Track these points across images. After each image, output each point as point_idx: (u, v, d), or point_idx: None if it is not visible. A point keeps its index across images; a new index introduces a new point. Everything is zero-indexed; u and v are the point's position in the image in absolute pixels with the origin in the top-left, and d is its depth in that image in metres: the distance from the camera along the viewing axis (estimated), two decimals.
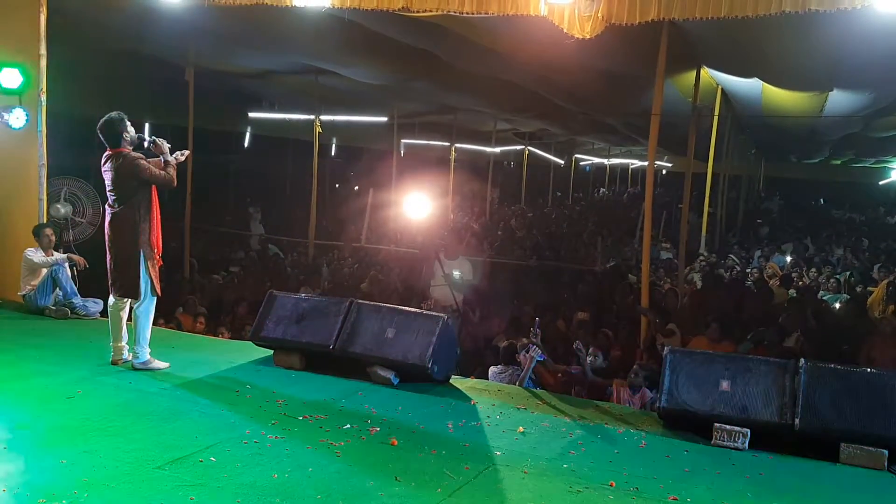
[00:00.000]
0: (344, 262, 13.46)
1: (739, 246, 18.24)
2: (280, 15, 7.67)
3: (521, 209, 25.92)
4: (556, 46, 7.56)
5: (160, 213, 5.77)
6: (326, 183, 21.18)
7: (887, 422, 4.61)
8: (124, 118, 5.61)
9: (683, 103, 11.40)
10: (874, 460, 4.56)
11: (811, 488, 4.29)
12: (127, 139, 5.60)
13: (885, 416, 4.63)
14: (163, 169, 5.70)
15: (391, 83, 13.01)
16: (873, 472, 4.50)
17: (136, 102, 15.58)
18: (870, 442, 4.59)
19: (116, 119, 5.60)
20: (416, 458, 4.28)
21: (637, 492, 4.01)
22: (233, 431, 4.52)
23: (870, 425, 4.62)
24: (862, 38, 7.45)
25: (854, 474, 4.48)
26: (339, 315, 5.88)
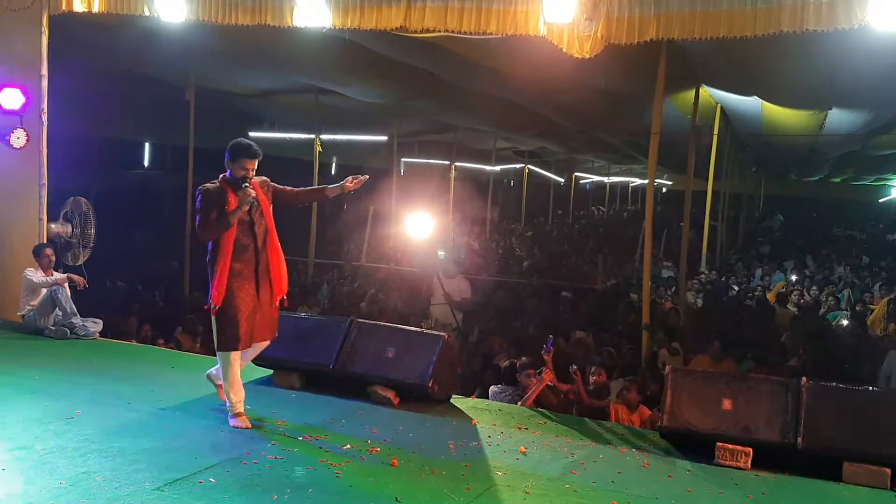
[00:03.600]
0: (344, 280, 13.45)
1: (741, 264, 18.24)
2: (280, 35, 7.70)
3: (521, 228, 25.95)
4: (555, 66, 7.59)
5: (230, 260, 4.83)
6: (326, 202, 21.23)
7: (890, 440, 4.59)
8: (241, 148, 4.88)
9: (683, 122, 11.45)
10: (877, 479, 4.53)
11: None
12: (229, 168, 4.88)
13: (887, 434, 4.61)
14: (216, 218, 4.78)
15: (391, 102, 13.07)
16: (877, 491, 4.48)
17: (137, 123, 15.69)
18: (873, 461, 4.56)
19: (231, 146, 4.93)
20: (417, 478, 4.25)
21: None
22: (232, 452, 4.48)
23: (873, 444, 4.60)
24: (859, 57, 7.49)
25: (857, 493, 4.45)
26: (339, 334, 5.86)
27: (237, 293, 4.82)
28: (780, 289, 13.65)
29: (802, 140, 15.49)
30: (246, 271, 4.86)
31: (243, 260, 4.86)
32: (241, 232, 4.84)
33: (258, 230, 4.93)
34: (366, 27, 6.63)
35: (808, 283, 14.96)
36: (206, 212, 4.79)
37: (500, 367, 7.49)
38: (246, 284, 4.86)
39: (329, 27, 6.78)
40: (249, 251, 4.89)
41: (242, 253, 4.86)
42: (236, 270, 4.83)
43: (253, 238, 4.92)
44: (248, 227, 4.88)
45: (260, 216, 4.95)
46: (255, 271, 4.90)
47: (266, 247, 4.98)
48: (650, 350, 8.00)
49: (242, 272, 4.85)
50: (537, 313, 10.63)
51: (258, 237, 4.94)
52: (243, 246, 4.86)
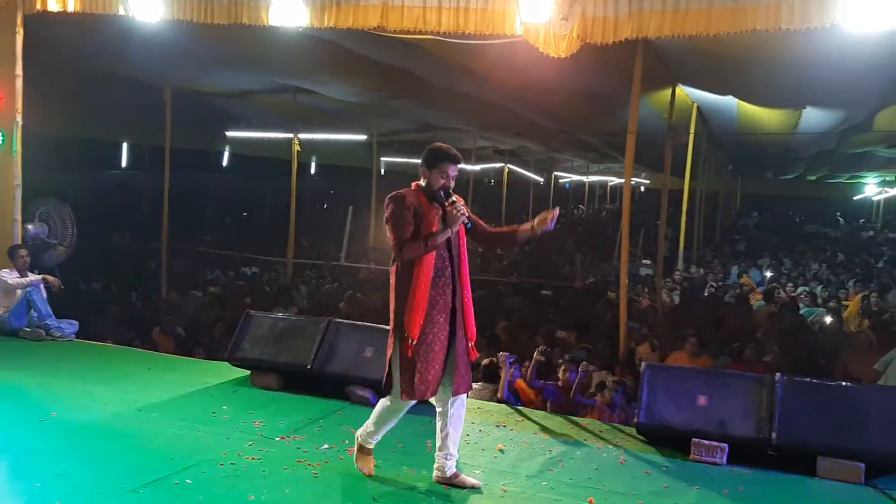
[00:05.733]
0: (323, 281, 13.41)
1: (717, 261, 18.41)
2: (257, 34, 7.67)
3: None
4: (533, 65, 7.61)
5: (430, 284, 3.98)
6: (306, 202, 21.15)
7: (863, 435, 4.65)
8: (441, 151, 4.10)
9: (660, 121, 11.52)
10: (851, 474, 4.59)
11: (788, 502, 4.31)
12: (426, 176, 4.09)
13: (861, 429, 4.67)
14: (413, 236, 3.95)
15: (370, 101, 13.05)
16: (850, 486, 4.53)
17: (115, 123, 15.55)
18: (846, 455, 4.62)
19: (429, 150, 4.15)
20: (394, 478, 4.26)
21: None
22: (209, 453, 4.47)
23: (846, 439, 4.66)
24: (832, 57, 7.57)
25: (831, 488, 4.50)
26: (317, 334, 5.86)
27: (432, 327, 3.97)
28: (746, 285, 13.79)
29: (778, 139, 15.64)
30: (441, 301, 4.00)
31: (439, 287, 3.99)
32: (438, 253, 4.01)
33: (454, 251, 4.08)
34: (343, 26, 6.62)
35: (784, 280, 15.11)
36: (405, 222, 3.93)
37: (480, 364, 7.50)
38: (440, 317, 3.99)
39: (306, 26, 6.76)
40: (445, 276, 4.02)
41: (439, 278, 4.00)
42: (432, 299, 3.97)
43: (450, 260, 4.05)
44: (446, 245, 4.04)
45: (457, 236, 4.10)
46: (451, 302, 4.03)
47: (461, 273, 4.10)
48: (627, 347, 8.05)
49: (437, 302, 3.98)
50: (517, 311, 10.67)
51: (455, 259, 4.07)
52: (439, 269, 4.01)
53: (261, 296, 11.68)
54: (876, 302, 12.15)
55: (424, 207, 3.98)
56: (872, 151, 18.45)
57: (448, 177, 4.04)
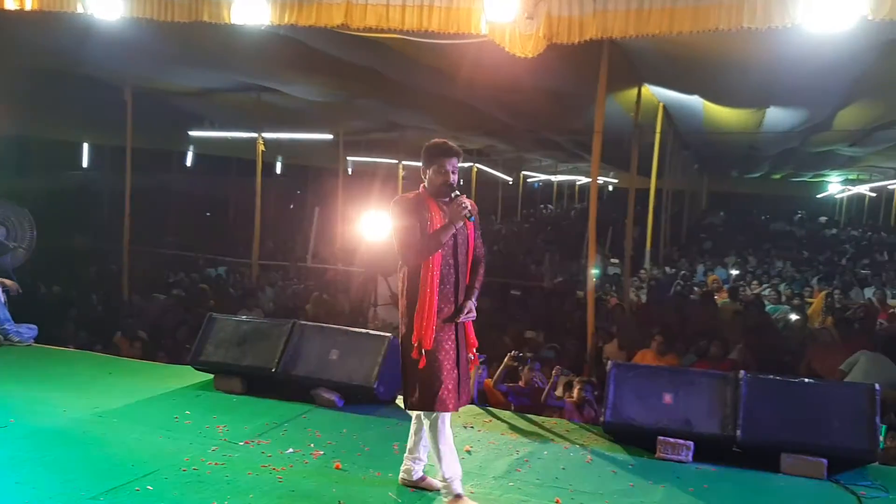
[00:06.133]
0: (289, 282, 13.29)
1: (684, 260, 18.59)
2: (219, 32, 7.56)
3: None
4: (500, 65, 7.60)
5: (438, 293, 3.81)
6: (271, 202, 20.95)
7: (826, 431, 4.70)
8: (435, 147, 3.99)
9: (627, 120, 11.57)
10: (814, 470, 4.64)
11: (753, 499, 4.35)
12: (425, 175, 3.98)
13: (823, 425, 4.72)
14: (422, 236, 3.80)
15: (336, 100, 12.94)
16: (813, 481, 4.58)
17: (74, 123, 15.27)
18: (809, 451, 4.67)
19: (424, 149, 4.03)
20: (361, 481, 4.22)
21: None
22: (171, 459, 4.40)
23: (809, 435, 4.71)
24: (794, 57, 7.66)
25: (795, 484, 4.55)
26: (282, 337, 5.79)
27: (443, 338, 3.83)
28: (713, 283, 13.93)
29: (742, 138, 15.82)
30: (445, 310, 3.83)
31: (444, 294, 3.83)
32: (443, 257, 3.86)
33: (460, 257, 3.91)
34: (305, 24, 6.51)
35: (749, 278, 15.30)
36: (410, 227, 3.79)
37: None
38: (447, 327, 3.85)
39: (268, 24, 6.67)
40: (450, 284, 3.86)
41: (444, 286, 3.83)
42: (438, 308, 3.82)
43: (455, 268, 3.88)
44: (452, 252, 3.87)
45: (465, 240, 3.95)
46: (454, 311, 3.88)
47: (466, 282, 3.96)
48: (595, 346, 8.08)
49: (442, 311, 3.82)
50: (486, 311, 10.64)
51: (460, 267, 3.90)
52: (445, 277, 3.84)
53: (225, 298, 11.54)
54: (839, 299, 12.35)
55: (431, 210, 3.84)
56: (834, 150, 18.75)
57: (447, 172, 3.89)
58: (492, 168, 27.58)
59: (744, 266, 17.83)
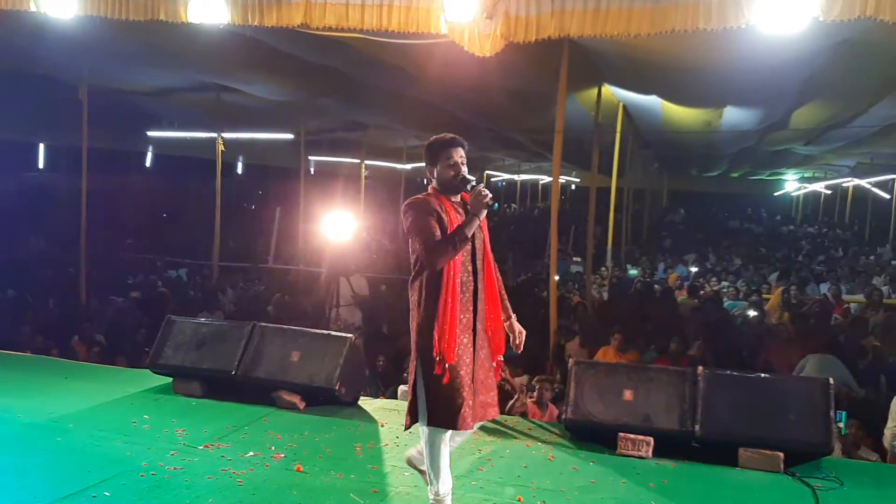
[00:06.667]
0: (250, 284, 13.17)
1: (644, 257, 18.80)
2: (177, 31, 7.46)
3: None
4: (461, 64, 7.62)
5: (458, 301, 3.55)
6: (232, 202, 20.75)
7: (782, 425, 4.78)
8: (438, 141, 3.72)
9: (588, 120, 11.67)
10: (770, 463, 4.71)
11: (712, 493, 4.40)
12: (433, 174, 3.71)
13: (779, 419, 4.81)
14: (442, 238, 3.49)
15: (297, 100, 12.86)
16: (770, 475, 4.65)
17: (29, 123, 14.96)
18: (766, 445, 4.74)
19: (427, 145, 3.76)
20: (322, 483, 4.19)
21: None
22: (129, 464, 4.33)
23: (766, 429, 4.78)
24: (750, 57, 7.79)
25: (752, 477, 4.62)
26: (242, 339, 5.73)
27: (462, 351, 3.58)
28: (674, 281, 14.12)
29: (701, 137, 16.04)
30: (465, 320, 3.58)
31: (464, 304, 3.58)
32: (462, 264, 3.60)
33: (478, 262, 3.65)
34: (265, 24, 6.48)
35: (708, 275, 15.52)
36: (430, 227, 3.49)
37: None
38: (464, 338, 3.58)
39: (226, 23, 6.60)
40: (469, 292, 3.61)
41: (464, 294, 3.58)
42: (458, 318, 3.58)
43: (473, 274, 3.62)
44: (470, 257, 3.62)
45: (482, 245, 3.69)
46: (473, 320, 3.61)
47: (485, 288, 3.68)
48: (557, 343, 8.13)
49: (461, 321, 3.57)
50: None
51: (478, 273, 3.65)
52: (464, 284, 3.59)
53: (185, 300, 11.40)
54: (795, 295, 12.58)
55: (448, 210, 3.56)
56: (790, 149, 19.12)
57: (456, 163, 3.62)
58: None
59: (703, 263, 18.09)
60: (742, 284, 13.62)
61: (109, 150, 17.60)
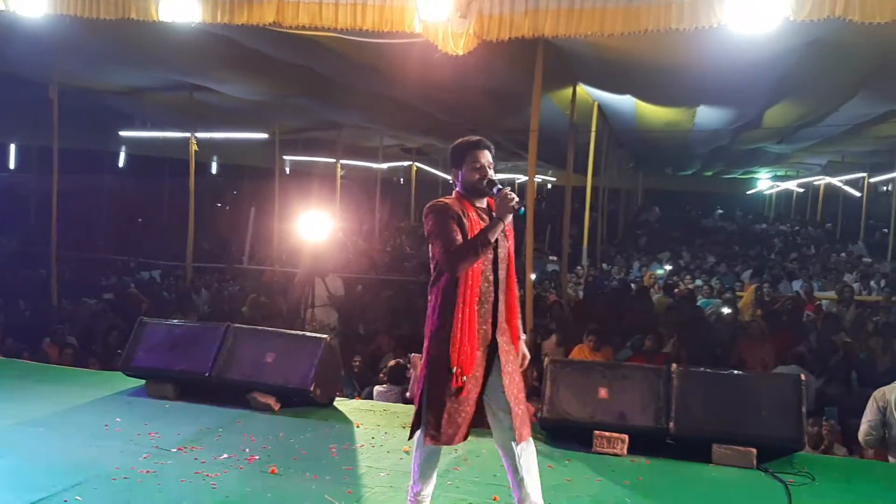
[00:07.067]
0: (225, 285, 13.06)
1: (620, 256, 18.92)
2: (149, 29, 7.39)
3: (411, 225, 26.03)
4: (437, 63, 7.61)
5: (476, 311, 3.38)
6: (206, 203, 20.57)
7: (755, 421, 4.83)
8: (463, 143, 3.60)
9: (564, 119, 11.71)
10: (744, 459, 4.75)
11: (686, 489, 4.43)
12: (458, 178, 3.59)
13: (752, 416, 4.85)
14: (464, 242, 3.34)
15: (271, 99, 12.78)
16: (743, 470, 4.69)
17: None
18: (740, 441, 4.78)
19: (452, 149, 3.65)
20: (296, 485, 4.17)
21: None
22: (100, 468, 4.28)
23: (739, 425, 4.83)
24: (722, 57, 7.86)
25: (726, 473, 4.65)
26: (216, 341, 5.68)
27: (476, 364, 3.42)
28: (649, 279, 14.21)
29: (675, 136, 16.17)
30: (482, 332, 3.42)
31: (482, 315, 3.42)
32: (482, 273, 3.43)
33: (500, 272, 3.48)
34: (237, 22, 6.43)
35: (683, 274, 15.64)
36: (451, 231, 3.34)
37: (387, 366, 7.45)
38: (478, 352, 3.42)
39: (198, 22, 6.54)
40: (489, 303, 3.44)
41: (482, 305, 3.42)
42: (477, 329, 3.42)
43: (495, 284, 3.46)
44: (491, 266, 3.44)
45: (505, 255, 3.52)
46: (492, 332, 3.45)
47: (506, 297, 3.53)
48: (533, 342, 8.14)
49: (479, 332, 3.41)
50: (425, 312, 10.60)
51: (500, 283, 3.48)
52: (484, 294, 3.42)
53: (159, 302, 11.28)
54: (768, 292, 12.71)
55: (471, 215, 3.43)
56: (763, 148, 19.33)
57: (483, 166, 3.48)
58: (432, 167, 27.61)
59: (678, 261, 18.23)
60: (716, 282, 13.74)
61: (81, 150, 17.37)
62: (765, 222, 32.90)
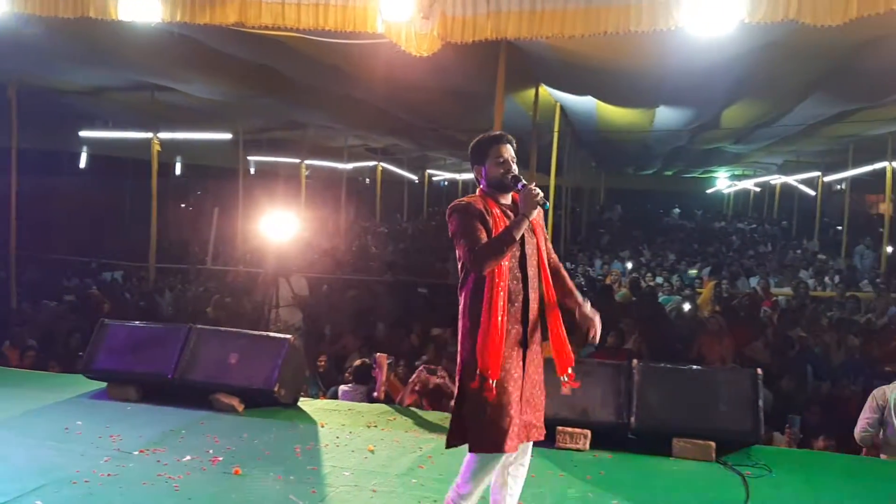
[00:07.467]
0: (188, 286, 12.94)
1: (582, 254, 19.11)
2: (110, 28, 7.30)
3: (376, 225, 25.99)
4: (401, 64, 7.62)
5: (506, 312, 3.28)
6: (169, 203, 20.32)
7: (713, 415, 4.95)
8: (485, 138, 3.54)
9: (526, 119, 11.78)
10: (703, 452, 4.87)
11: (647, 482, 4.52)
12: (482, 174, 3.50)
13: (711, 409, 4.97)
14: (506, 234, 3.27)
15: (234, 99, 12.67)
16: (703, 464, 4.81)
17: None
18: (698, 435, 4.91)
19: (473, 145, 3.56)
20: (260, 485, 4.17)
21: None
22: (61, 472, 4.24)
23: (698, 419, 4.95)
24: (681, 58, 7.98)
25: (685, 467, 4.77)
26: (178, 342, 5.66)
27: (505, 364, 3.28)
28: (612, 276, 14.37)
29: (635, 136, 16.36)
30: (514, 332, 3.32)
31: (511, 314, 3.31)
32: (510, 270, 3.33)
33: (530, 269, 3.39)
34: (199, 22, 6.36)
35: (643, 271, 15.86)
36: (474, 230, 3.26)
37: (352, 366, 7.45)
38: (513, 352, 3.32)
39: (158, 21, 6.48)
40: (518, 302, 3.34)
41: (512, 304, 3.31)
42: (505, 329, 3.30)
43: (524, 282, 3.36)
44: (518, 263, 3.35)
45: (534, 251, 3.42)
46: (523, 331, 3.35)
47: (539, 297, 3.43)
48: None
49: (510, 333, 3.30)
50: (391, 311, 10.66)
51: (530, 280, 3.38)
52: (513, 293, 3.32)
53: (121, 303, 11.14)
54: (727, 288, 12.95)
55: (494, 213, 3.35)
56: (721, 147, 19.62)
57: (506, 160, 3.42)
58: (397, 167, 27.59)
59: (639, 259, 18.46)
60: (676, 279, 13.95)
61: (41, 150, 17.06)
62: (723, 220, 33.40)
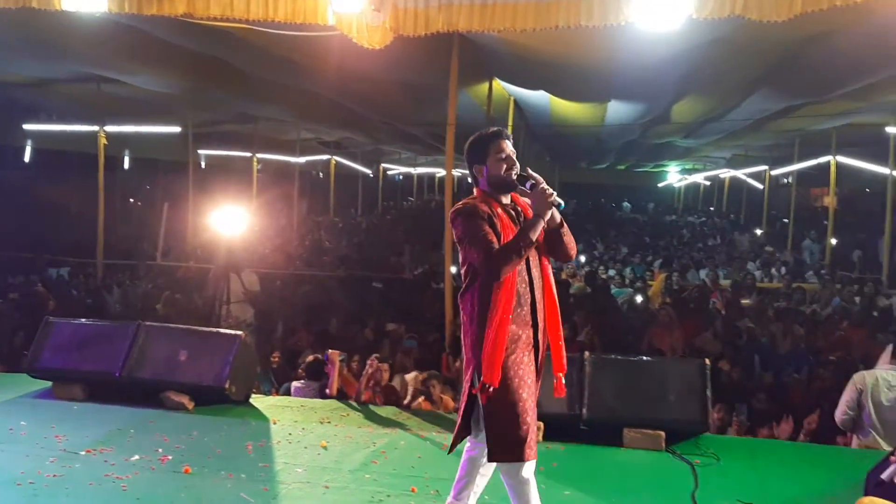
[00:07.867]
0: (137, 282, 12.68)
1: None
2: (54, 19, 7.10)
3: (330, 220, 25.80)
4: (353, 57, 7.56)
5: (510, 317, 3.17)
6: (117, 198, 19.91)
7: (662, 406, 5.04)
8: (484, 135, 3.37)
9: (480, 113, 11.81)
10: (653, 442, 4.95)
11: (598, 473, 4.58)
12: (482, 173, 3.34)
13: (660, 400, 5.06)
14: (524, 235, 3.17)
15: (183, 92, 12.45)
16: (653, 453, 4.88)
17: None
18: (648, 425, 4.99)
19: (472, 142, 3.40)
20: (211, 484, 4.11)
21: (437, 495, 4.08)
22: (5, 473, 4.15)
23: (648, 410, 5.04)
24: (631, 53, 8.08)
25: (636, 456, 4.85)
26: (126, 339, 5.55)
27: (517, 370, 3.18)
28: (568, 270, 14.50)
29: (588, 130, 16.52)
30: (524, 337, 3.24)
31: (520, 318, 3.22)
32: (518, 272, 3.22)
33: (534, 271, 3.31)
34: (146, 13, 6.23)
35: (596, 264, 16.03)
36: (486, 234, 3.14)
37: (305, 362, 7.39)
38: (525, 357, 3.22)
39: (104, 12, 6.32)
40: (527, 305, 3.25)
41: (520, 308, 3.22)
42: (513, 334, 3.19)
43: (530, 285, 3.27)
44: (525, 266, 3.26)
45: (536, 251, 3.34)
46: (534, 335, 3.28)
47: (545, 298, 3.34)
48: (453, 335, 8.21)
49: (520, 338, 3.21)
50: (345, 307, 10.59)
51: (535, 282, 3.30)
52: (521, 297, 3.23)
53: (68, 300, 10.87)
54: (677, 280, 13.16)
55: (499, 214, 3.24)
56: (672, 142, 19.93)
57: (509, 156, 3.29)
58: (351, 161, 27.41)
59: (592, 252, 18.66)
60: (629, 272, 14.13)
61: None
62: (674, 214, 33.95)
